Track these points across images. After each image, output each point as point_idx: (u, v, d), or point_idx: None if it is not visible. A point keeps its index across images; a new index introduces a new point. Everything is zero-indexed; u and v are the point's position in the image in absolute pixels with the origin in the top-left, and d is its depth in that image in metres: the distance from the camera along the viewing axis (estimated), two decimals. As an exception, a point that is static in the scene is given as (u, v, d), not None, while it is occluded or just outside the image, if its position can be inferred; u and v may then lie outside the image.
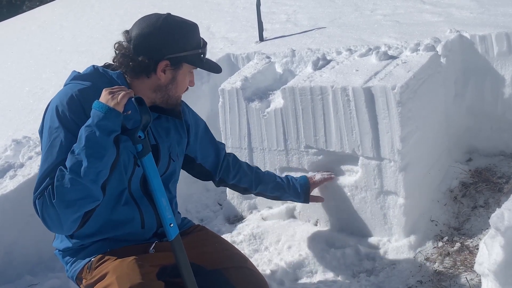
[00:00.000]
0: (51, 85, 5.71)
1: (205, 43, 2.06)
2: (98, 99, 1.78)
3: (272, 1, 6.21)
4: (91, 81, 1.92)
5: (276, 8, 5.96)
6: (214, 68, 2.12)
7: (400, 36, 3.72)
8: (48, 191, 1.73)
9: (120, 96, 1.74)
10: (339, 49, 3.44)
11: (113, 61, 2.04)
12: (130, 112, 1.78)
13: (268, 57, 3.53)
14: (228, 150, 3.19)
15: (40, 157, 3.25)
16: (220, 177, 2.46)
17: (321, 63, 3.05)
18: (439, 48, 3.02)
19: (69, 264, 2.02)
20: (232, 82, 3.19)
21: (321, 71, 2.95)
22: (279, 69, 3.51)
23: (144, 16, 2.00)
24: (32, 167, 3.15)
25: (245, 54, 4.18)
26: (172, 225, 1.89)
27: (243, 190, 2.58)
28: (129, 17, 7.83)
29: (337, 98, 2.69)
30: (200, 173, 2.44)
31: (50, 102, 1.92)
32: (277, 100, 3.00)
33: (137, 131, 1.81)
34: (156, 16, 1.97)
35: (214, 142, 2.45)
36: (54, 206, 1.71)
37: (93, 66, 2.02)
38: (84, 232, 1.94)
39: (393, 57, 2.90)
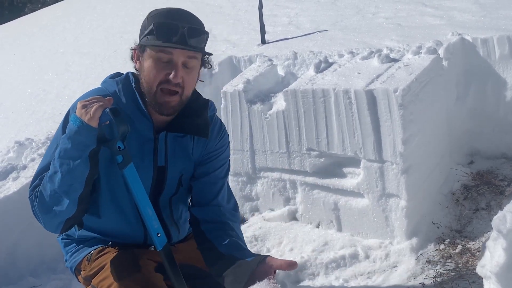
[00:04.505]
0: (53, 87, 5.72)
1: (164, 23, 1.69)
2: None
3: (274, 4, 6.23)
4: (116, 88, 1.84)
5: (278, 11, 5.97)
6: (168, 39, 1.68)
7: (402, 39, 3.72)
8: (35, 192, 1.76)
9: (93, 110, 1.63)
10: (341, 52, 3.45)
11: None
12: (108, 122, 1.69)
13: (270, 60, 3.54)
14: (230, 152, 3.20)
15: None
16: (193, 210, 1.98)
17: (323, 65, 3.06)
18: (441, 51, 3.02)
19: (69, 254, 2.03)
20: (234, 85, 3.20)
21: (323, 73, 2.96)
22: (281, 71, 3.52)
23: None
24: (35, 169, 3.15)
25: (247, 57, 4.19)
26: (159, 234, 1.83)
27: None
28: (130, 18, 7.84)
29: (339, 101, 2.70)
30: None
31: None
32: (279, 103, 3.01)
33: (115, 143, 1.73)
34: None
35: (222, 186, 1.99)
36: (36, 209, 1.75)
37: (129, 72, 1.91)
38: (90, 230, 1.96)
39: (395, 60, 2.91)
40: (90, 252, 1.95)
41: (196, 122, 1.88)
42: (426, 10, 4.49)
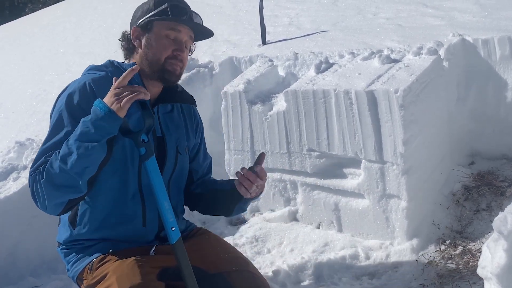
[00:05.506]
0: (54, 87, 5.73)
1: (178, 5, 1.95)
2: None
3: (275, 4, 6.23)
4: (107, 71, 1.97)
5: (279, 11, 5.98)
6: (185, 20, 1.95)
7: (403, 39, 3.72)
8: (40, 170, 1.78)
9: (124, 101, 1.70)
10: (341, 52, 3.45)
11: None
12: (132, 114, 1.79)
13: (271, 60, 3.54)
14: (230, 153, 3.22)
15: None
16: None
17: (324, 66, 3.06)
18: (441, 52, 3.02)
19: (70, 263, 2.03)
20: (235, 85, 3.20)
21: (324, 74, 2.96)
22: (281, 72, 3.52)
23: None
24: (35, 169, 3.16)
25: (248, 57, 4.18)
26: (174, 228, 1.88)
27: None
28: (130, 19, 7.84)
29: (339, 101, 2.70)
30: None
31: (66, 87, 1.95)
32: (280, 103, 3.01)
33: (140, 135, 1.81)
34: None
35: (206, 151, 2.32)
36: (42, 186, 1.76)
37: (109, 60, 2.06)
38: (86, 224, 1.96)
39: (395, 61, 2.91)
40: (91, 261, 1.95)
41: (181, 94, 2.13)
42: (427, 10, 4.50)
